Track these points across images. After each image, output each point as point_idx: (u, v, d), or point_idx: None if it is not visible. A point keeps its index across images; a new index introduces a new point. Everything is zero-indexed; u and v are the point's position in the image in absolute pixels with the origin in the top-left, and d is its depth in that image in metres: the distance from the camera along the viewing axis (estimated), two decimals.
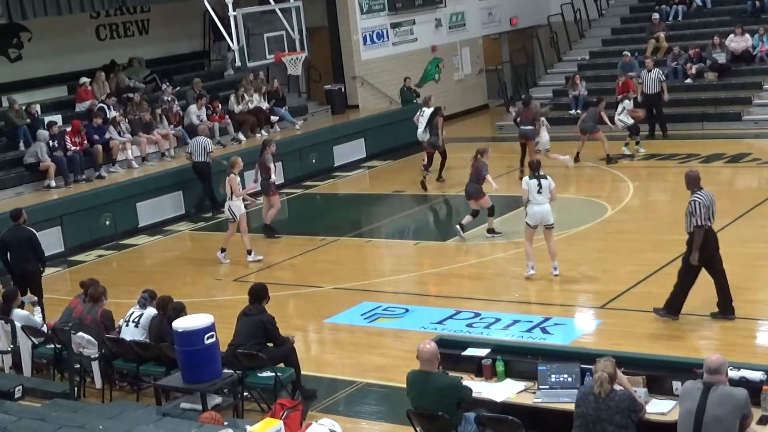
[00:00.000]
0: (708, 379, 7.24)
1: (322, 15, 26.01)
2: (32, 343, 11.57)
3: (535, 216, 13.58)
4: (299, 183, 21.96)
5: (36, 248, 13.62)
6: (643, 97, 22.40)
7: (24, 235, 13.61)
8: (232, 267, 16.14)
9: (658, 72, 22.49)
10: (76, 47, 22.61)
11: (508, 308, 12.88)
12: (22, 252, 13.59)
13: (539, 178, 13.57)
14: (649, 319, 11.89)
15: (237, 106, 22.88)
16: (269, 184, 17.34)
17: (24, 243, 13.56)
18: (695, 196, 11.35)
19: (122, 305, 12.36)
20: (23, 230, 13.68)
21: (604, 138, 20.62)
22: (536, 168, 13.75)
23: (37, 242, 13.64)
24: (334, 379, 11.22)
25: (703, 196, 11.35)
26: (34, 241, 13.60)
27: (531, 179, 13.65)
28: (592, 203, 17.79)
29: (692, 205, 11.30)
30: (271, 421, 7.94)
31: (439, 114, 20.40)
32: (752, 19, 25.79)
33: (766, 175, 18.90)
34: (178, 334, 9.46)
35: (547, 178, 13.63)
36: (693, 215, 11.28)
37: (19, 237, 13.62)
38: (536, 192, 13.49)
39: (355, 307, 13.52)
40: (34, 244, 13.59)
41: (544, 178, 13.56)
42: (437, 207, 19.88)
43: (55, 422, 8.59)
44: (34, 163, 19.19)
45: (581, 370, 8.37)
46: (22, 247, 13.57)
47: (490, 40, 30.53)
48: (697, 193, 11.39)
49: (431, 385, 8.18)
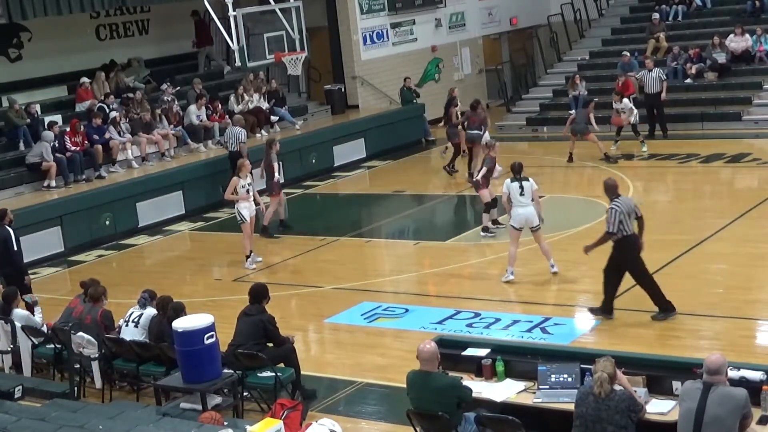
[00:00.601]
0: (708, 379, 7.24)
1: (322, 15, 26.01)
2: (32, 343, 11.57)
3: (520, 218, 13.59)
4: (299, 183, 21.95)
5: (9, 249, 13.36)
6: (643, 96, 22.40)
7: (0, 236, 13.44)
8: (232, 267, 16.13)
9: (659, 71, 22.50)
10: (76, 47, 22.62)
11: (508, 308, 12.88)
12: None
13: (521, 180, 13.60)
14: (649, 319, 11.89)
15: (237, 106, 22.88)
16: (273, 183, 17.36)
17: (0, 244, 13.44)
18: (614, 203, 11.64)
19: (122, 305, 12.35)
20: (1, 231, 13.44)
21: (596, 139, 20.65)
22: (518, 171, 13.77)
23: (10, 243, 13.35)
24: (334, 379, 11.22)
25: (621, 204, 11.64)
26: (8, 243, 13.35)
27: (512, 182, 13.67)
28: (592, 203, 17.76)
29: (609, 213, 11.59)
30: (271, 421, 7.94)
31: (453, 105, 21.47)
32: (752, 19, 25.78)
33: (766, 175, 18.89)
34: (178, 334, 9.46)
35: (529, 180, 13.66)
36: (608, 222, 11.57)
37: None
38: (518, 194, 13.53)
39: (355, 307, 13.52)
40: (7, 245, 13.35)
41: (525, 180, 13.60)
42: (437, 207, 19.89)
43: (55, 422, 8.59)
44: (35, 163, 19.18)
45: (581, 370, 8.37)
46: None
47: (490, 40, 30.53)
48: (615, 201, 11.66)
49: (431, 385, 8.18)
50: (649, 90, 22.34)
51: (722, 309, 12.03)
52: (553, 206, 17.89)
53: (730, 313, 11.90)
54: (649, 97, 22.38)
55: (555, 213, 17.52)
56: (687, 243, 14.62)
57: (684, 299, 12.35)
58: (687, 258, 14.08)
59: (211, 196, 20.12)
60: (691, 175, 19.71)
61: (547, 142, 24.08)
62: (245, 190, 15.58)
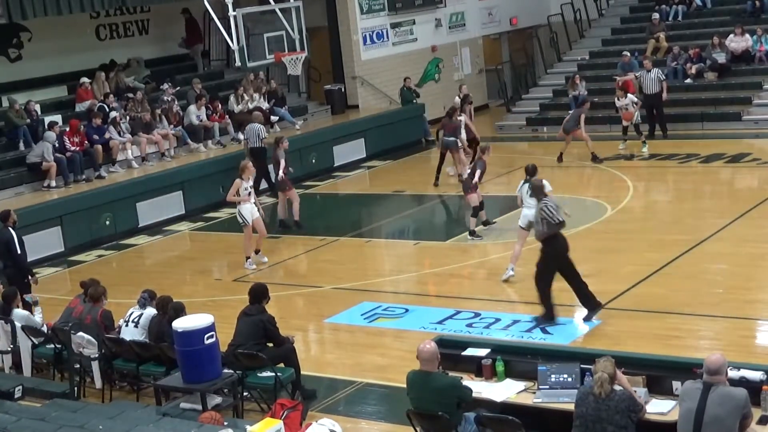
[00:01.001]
0: (708, 379, 7.24)
1: (322, 15, 26.01)
2: (32, 343, 11.57)
3: (526, 218, 13.64)
4: (299, 183, 21.93)
5: (11, 251, 13.33)
6: (643, 97, 22.38)
7: (2, 238, 13.38)
8: (232, 267, 16.14)
9: (658, 72, 22.52)
10: (76, 47, 22.62)
11: (508, 308, 12.88)
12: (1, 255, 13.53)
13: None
14: (649, 319, 11.91)
15: (237, 106, 22.88)
16: (281, 180, 17.41)
17: (1, 246, 13.41)
18: (544, 201, 11.93)
19: (122, 305, 12.35)
20: (3, 232, 13.43)
21: (587, 137, 20.62)
22: (531, 173, 13.84)
23: (13, 246, 13.32)
24: (333, 379, 11.22)
25: (551, 200, 12.04)
26: (11, 245, 13.31)
27: (524, 183, 13.88)
28: (592, 203, 17.79)
29: (546, 210, 11.78)
30: (271, 421, 7.94)
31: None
32: (752, 19, 25.79)
33: (766, 175, 18.90)
34: (178, 334, 9.46)
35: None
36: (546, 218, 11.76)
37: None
38: (528, 196, 13.56)
39: (355, 307, 13.52)
40: (10, 248, 13.32)
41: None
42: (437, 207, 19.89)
43: (55, 422, 8.59)
44: (36, 163, 19.18)
45: (581, 370, 8.37)
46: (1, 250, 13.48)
47: (490, 40, 30.53)
48: (545, 200, 11.98)
49: (431, 385, 8.18)
50: (648, 90, 22.37)
51: (722, 309, 12.03)
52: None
53: (730, 313, 11.90)
54: (648, 97, 22.38)
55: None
56: (687, 243, 14.62)
57: (684, 299, 12.37)
58: (687, 258, 14.08)
59: (211, 196, 20.13)
60: (691, 175, 19.72)
61: (547, 142, 24.05)
62: (247, 192, 15.55)
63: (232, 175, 20.66)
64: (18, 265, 13.49)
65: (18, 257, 13.45)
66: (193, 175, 20.20)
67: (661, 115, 22.64)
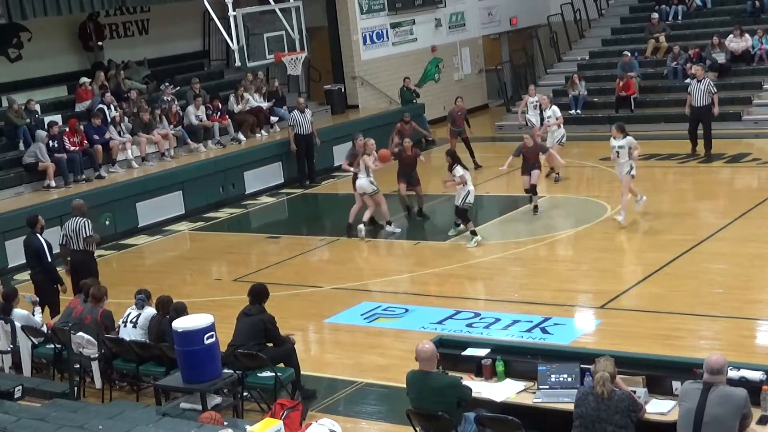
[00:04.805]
0: (708, 379, 7.23)
1: (322, 15, 26.00)
2: (32, 343, 11.56)
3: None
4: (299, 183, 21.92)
5: (42, 259, 13.16)
6: (690, 110, 20.54)
7: (32, 245, 13.28)
8: (232, 267, 16.15)
9: (708, 83, 20.45)
10: (76, 47, 22.60)
11: (508, 308, 12.87)
12: (29, 261, 13.50)
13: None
14: (649, 319, 11.90)
15: (237, 106, 22.88)
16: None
17: (31, 253, 13.34)
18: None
19: (122, 305, 12.32)
20: (33, 239, 13.32)
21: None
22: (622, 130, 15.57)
23: (43, 254, 13.11)
24: (333, 379, 11.21)
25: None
26: (41, 253, 13.15)
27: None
28: (592, 203, 17.78)
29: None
30: (271, 421, 7.92)
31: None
32: (752, 19, 25.80)
33: (766, 175, 18.90)
34: (178, 334, 9.45)
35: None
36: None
37: (27, 246, 13.45)
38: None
39: (355, 307, 13.52)
40: (40, 255, 13.17)
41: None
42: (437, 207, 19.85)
43: (55, 422, 8.58)
44: (33, 163, 19.18)
45: (581, 370, 8.36)
46: (29, 257, 13.43)
47: (490, 40, 30.53)
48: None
49: (431, 385, 8.18)
50: (696, 103, 20.27)
51: (722, 309, 12.03)
52: (552, 206, 17.91)
53: (730, 313, 11.89)
54: (695, 111, 20.35)
55: (555, 213, 17.57)
56: (687, 243, 14.62)
57: (684, 299, 12.37)
58: (687, 258, 14.07)
59: (211, 196, 20.11)
60: (691, 175, 19.71)
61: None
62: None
63: (233, 175, 20.83)
64: (47, 273, 13.30)
65: (48, 265, 13.24)
66: (193, 175, 20.18)
67: (707, 131, 20.49)
